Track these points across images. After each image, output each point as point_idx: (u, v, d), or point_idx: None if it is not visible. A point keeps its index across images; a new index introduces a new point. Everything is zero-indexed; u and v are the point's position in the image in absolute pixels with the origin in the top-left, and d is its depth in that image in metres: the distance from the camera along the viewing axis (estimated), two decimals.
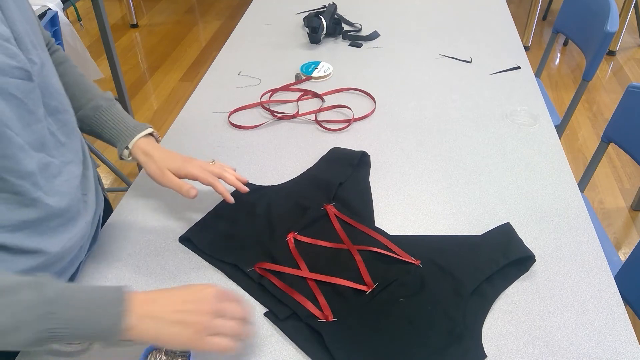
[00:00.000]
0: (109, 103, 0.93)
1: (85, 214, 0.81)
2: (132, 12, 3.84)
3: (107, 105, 0.93)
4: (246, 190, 0.92)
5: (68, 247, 0.77)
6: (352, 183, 1.03)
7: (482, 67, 1.44)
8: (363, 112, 1.26)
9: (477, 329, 0.76)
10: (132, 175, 2.42)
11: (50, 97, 0.75)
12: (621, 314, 0.79)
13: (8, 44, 0.65)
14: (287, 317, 0.79)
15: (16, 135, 0.66)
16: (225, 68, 1.45)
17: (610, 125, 1.39)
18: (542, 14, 3.86)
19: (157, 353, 0.72)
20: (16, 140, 0.66)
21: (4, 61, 0.63)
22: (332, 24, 1.58)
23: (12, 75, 0.65)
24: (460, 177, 1.06)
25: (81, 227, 0.80)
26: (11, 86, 0.65)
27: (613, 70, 3.19)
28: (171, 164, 0.89)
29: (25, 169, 0.68)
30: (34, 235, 0.71)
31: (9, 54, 0.65)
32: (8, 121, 0.65)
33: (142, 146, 0.91)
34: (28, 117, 0.69)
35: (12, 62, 0.65)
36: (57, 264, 0.76)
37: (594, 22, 1.67)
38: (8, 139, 0.65)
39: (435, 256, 0.86)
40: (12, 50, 0.65)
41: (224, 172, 0.91)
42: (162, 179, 0.89)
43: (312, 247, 0.90)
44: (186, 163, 0.90)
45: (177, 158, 0.91)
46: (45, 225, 0.73)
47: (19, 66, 0.66)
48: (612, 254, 1.29)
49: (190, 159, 0.91)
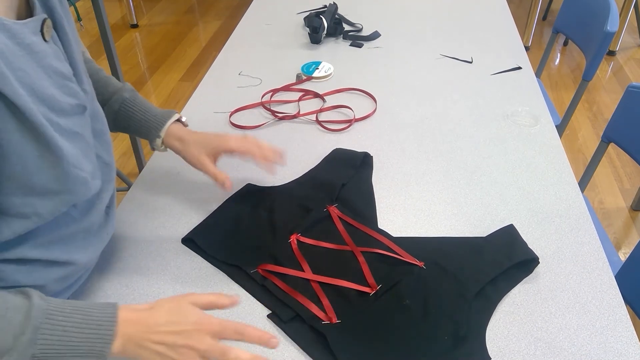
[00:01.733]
0: (132, 94, 0.92)
1: (107, 225, 0.81)
2: (132, 12, 3.84)
3: (131, 96, 0.92)
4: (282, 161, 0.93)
5: (94, 257, 0.78)
6: (354, 184, 1.03)
7: (483, 68, 1.44)
8: (364, 112, 1.26)
9: (481, 331, 0.76)
10: (132, 176, 2.42)
11: (97, 121, 0.75)
12: (622, 314, 0.80)
13: (70, 83, 0.64)
14: (291, 319, 0.79)
15: (81, 171, 0.65)
16: (226, 68, 1.45)
17: (610, 125, 1.39)
18: (542, 14, 3.86)
19: None
20: (80, 175, 0.65)
21: (67, 102, 0.63)
22: (333, 24, 1.58)
23: (73, 114, 0.65)
24: (461, 178, 1.06)
25: (104, 238, 0.80)
26: (74, 124, 0.65)
27: (613, 70, 3.19)
28: (208, 146, 0.89)
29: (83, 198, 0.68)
30: (66, 249, 0.72)
31: (71, 93, 0.64)
32: (73, 159, 0.64)
33: (175, 132, 0.90)
34: (86, 148, 0.69)
35: (73, 100, 0.65)
36: (82, 271, 0.77)
37: (594, 22, 1.67)
38: (75, 177, 0.64)
39: (439, 258, 0.86)
40: (73, 89, 0.65)
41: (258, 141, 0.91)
42: (201, 166, 0.89)
43: (315, 248, 0.90)
44: (221, 140, 0.90)
45: (212, 138, 0.90)
46: (78, 238, 0.73)
47: (79, 103, 0.66)
48: (612, 254, 1.29)
49: (224, 135, 0.91)
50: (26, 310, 0.58)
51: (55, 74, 0.62)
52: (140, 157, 2.20)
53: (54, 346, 0.58)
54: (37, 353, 0.57)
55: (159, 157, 1.13)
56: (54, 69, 0.62)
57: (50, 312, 0.59)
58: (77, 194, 0.66)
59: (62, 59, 0.64)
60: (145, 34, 3.78)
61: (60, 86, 0.62)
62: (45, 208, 0.63)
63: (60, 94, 0.62)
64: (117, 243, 0.93)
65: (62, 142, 0.61)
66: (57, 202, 0.64)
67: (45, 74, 0.60)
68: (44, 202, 0.62)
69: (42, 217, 0.63)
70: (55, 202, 0.64)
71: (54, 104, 0.61)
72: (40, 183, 0.61)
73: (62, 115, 0.62)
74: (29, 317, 0.57)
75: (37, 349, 0.57)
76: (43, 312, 0.58)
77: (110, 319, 0.61)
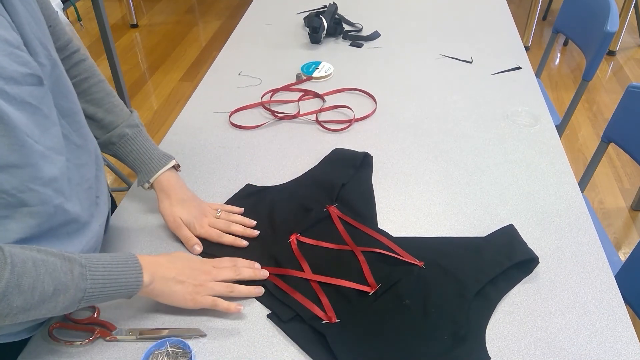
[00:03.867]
0: (134, 131, 0.93)
1: (98, 217, 0.81)
2: (132, 12, 3.84)
3: (133, 133, 0.93)
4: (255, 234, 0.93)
5: (85, 250, 0.77)
6: (354, 184, 1.03)
7: (482, 67, 1.44)
8: (364, 112, 1.26)
9: (481, 331, 0.76)
10: (132, 176, 2.42)
11: (64, 98, 0.75)
12: (622, 314, 0.80)
13: (19, 51, 0.64)
14: (290, 318, 0.79)
15: (36, 143, 0.66)
16: (226, 68, 1.45)
17: (610, 125, 1.39)
18: (542, 14, 3.86)
19: (159, 354, 0.73)
20: (37, 147, 0.66)
21: (16, 70, 0.63)
22: (333, 24, 1.58)
23: (25, 83, 0.64)
24: (461, 178, 1.06)
25: (95, 230, 0.80)
26: (25, 94, 0.64)
27: (613, 70, 3.19)
28: (184, 216, 0.91)
29: (48, 175, 0.68)
30: (54, 242, 0.72)
31: (20, 61, 0.64)
32: (27, 129, 0.64)
33: (163, 183, 0.92)
34: (44, 122, 0.68)
35: (24, 69, 0.64)
36: None
37: (594, 22, 1.67)
38: (29, 147, 0.65)
39: (439, 258, 0.86)
40: (23, 58, 0.64)
41: (230, 227, 0.92)
42: (173, 226, 0.91)
43: (315, 248, 0.90)
44: (196, 221, 0.91)
45: (192, 209, 0.92)
46: (64, 231, 0.73)
47: (31, 72, 0.65)
48: (612, 254, 1.29)
49: (202, 213, 0.92)
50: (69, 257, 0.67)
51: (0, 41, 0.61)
52: None
53: (99, 280, 0.69)
54: (88, 287, 0.68)
55: None
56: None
57: (85, 256, 0.70)
58: (40, 169, 0.67)
59: (9, 28, 0.63)
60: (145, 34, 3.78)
61: (7, 54, 0.62)
62: (9, 184, 0.63)
63: (7, 61, 0.62)
64: (117, 243, 0.93)
65: (8, 109, 0.61)
66: (22, 178, 0.64)
67: None
68: (7, 177, 0.63)
69: (9, 194, 0.64)
70: (20, 178, 0.64)
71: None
72: None
73: (10, 83, 0.62)
74: (73, 260, 0.67)
75: (88, 284, 0.68)
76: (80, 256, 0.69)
77: (132, 257, 0.74)
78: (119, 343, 0.76)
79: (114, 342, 0.76)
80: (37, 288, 0.63)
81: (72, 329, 0.78)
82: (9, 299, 0.61)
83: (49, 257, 0.65)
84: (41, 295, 0.63)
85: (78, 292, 0.67)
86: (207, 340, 0.77)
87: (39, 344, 0.77)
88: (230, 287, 0.80)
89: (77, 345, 0.76)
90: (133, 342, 0.76)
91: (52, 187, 0.69)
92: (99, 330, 0.76)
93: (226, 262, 0.84)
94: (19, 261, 0.62)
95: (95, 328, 0.77)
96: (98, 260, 0.70)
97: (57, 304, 0.66)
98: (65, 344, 0.76)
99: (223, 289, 0.79)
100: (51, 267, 0.65)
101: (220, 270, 0.81)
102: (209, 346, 0.76)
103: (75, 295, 0.67)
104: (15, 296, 0.61)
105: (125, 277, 0.71)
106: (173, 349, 0.73)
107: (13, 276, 0.61)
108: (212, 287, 0.79)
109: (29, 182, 0.65)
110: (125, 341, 0.77)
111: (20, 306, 0.62)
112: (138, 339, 0.76)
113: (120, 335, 0.76)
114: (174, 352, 0.73)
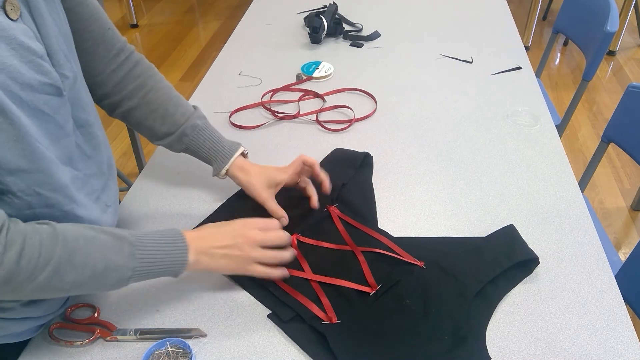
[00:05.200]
0: (204, 122, 0.95)
1: (109, 225, 0.82)
2: (132, 12, 3.84)
3: (203, 124, 0.95)
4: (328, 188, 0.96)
5: None
6: (355, 184, 1.03)
7: (483, 68, 1.44)
8: (364, 112, 1.26)
9: (481, 331, 0.76)
10: (132, 176, 2.42)
11: (81, 110, 0.76)
12: (623, 315, 0.80)
13: (41, 61, 0.65)
14: (291, 319, 0.79)
15: (46, 150, 0.67)
16: (226, 68, 1.45)
17: (610, 125, 1.39)
18: (542, 14, 3.86)
19: (160, 354, 0.73)
20: (47, 154, 0.67)
21: (34, 78, 0.64)
22: (333, 24, 1.58)
23: (42, 92, 0.66)
24: (461, 178, 1.06)
25: None
26: (40, 102, 0.66)
27: (613, 70, 3.19)
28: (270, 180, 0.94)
29: (59, 182, 0.69)
30: None
31: (40, 70, 0.65)
32: (37, 136, 0.65)
33: (239, 164, 0.95)
34: (57, 132, 0.70)
35: (43, 78, 0.66)
36: None
37: (594, 22, 1.67)
38: (41, 153, 0.66)
39: (439, 258, 0.86)
40: (44, 67, 0.66)
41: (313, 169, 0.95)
42: (262, 200, 0.93)
43: (315, 248, 0.90)
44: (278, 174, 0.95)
45: (271, 171, 0.95)
46: None
47: (50, 82, 0.67)
48: (612, 254, 1.29)
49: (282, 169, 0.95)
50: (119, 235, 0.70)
51: (21, 48, 0.63)
52: (140, 157, 2.19)
53: (147, 259, 0.71)
54: (137, 266, 0.70)
55: (159, 158, 1.13)
56: (20, 42, 0.62)
57: (134, 234, 0.72)
58: (51, 176, 0.68)
59: (34, 38, 0.65)
60: (145, 34, 3.78)
61: (28, 61, 0.63)
62: (17, 186, 0.64)
63: (26, 68, 0.63)
64: None
65: (19, 114, 0.62)
66: (30, 182, 0.65)
67: (7, 45, 0.61)
68: (16, 180, 0.64)
69: (16, 196, 0.65)
70: (28, 182, 0.65)
71: (15, 75, 0.62)
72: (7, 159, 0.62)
73: (26, 89, 0.63)
74: (123, 238, 0.70)
75: (137, 262, 0.70)
76: (130, 234, 0.71)
77: (179, 235, 0.75)
78: (119, 343, 0.76)
79: (114, 342, 0.76)
80: (89, 264, 0.66)
81: (73, 329, 0.78)
82: (62, 274, 0.64)
83: (100, 235, 0.68)
84: (92, 271, 0.66)
85: (127, 270, 0.69)
86: (208, 340, 0.77)
87: (39, 344, 0.77)
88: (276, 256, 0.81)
89: (77, 345, 0.76)
90: (133, 342, 0.76)
91: (63, 194, 0.70)
92: (99, 330, 0.76)
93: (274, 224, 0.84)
94: (71, 238, 0.65)
95: (96, 328, 0.77)
96: (147, 238, 0.72)
97: (107, 281, 0.69)
98: (66, 344, 0.76)
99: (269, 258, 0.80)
100: (102, 244, 0.68)
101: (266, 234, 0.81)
102: (209, 346, 0.76)
103: (124, 274, 0.69)
104: (67, 272, 0.65)
105: (172, 256, 0.73)
106: (173, 349, 0.73)
107: (65, 252, 0.64)
108: (257, 257, 0.79)
109: (36, 187, 0.66)
110: (125, 341, 0.77)
111: (72, 281, 0.65)
112: (138, 339, 0.76)
113: (120, 335, 0.76)
114: (174, 352, 0.73)
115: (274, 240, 0.81)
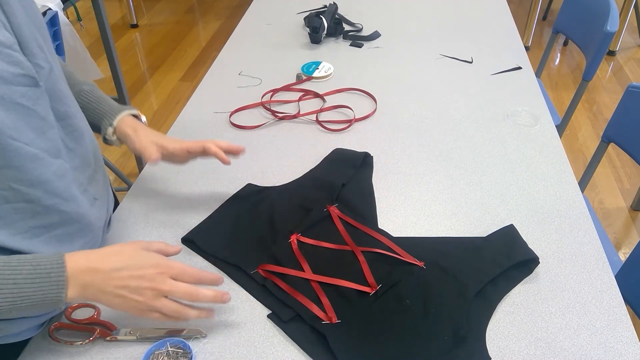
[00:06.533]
0: (90, 87, 0.93)
1: (99, 218, 0.81)
2: (132, 12, 3.84)
3: (89, 88, 0.92)
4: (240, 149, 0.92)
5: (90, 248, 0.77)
6: (355, 184, 1.03)
7: (483, 68, 1.44)
8: (364, 112, 1.26)
9: (481, 331, 0.76)
10: (132, 176, 2.42)
11: (59, 101, 0.74)
12: (622, 314, 0.80)
13: (10, 51, 0.63)
14: (291, 319, 0.79)
15: (26, 145, 0.65)
16: (226, 68, 1.45)
17: (610, 125, 1.39)
18: (542, 14, 3.86)
19: (160, 354, 0.73)
20: (26, 150, 0.65)
21: (5, 69, 0.62)
22: (333, 24, 1.58)
23: (16, 84, 0.63)
24: (461, 178, 1.06)
25: (96, 231, 0.80)
26: (17, 95, 0.63)
27: (613, 70, 3.19)
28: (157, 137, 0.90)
29: (38, 178, 0.67)
30: (52, 242, 0.71)
31: (11, 61, 0.63)
32: (13, 132, 0.63)
33: (129, 122, 0.90)
34: (41, 124, 0.68)
35: (15, 69, 0.63)
36: None
37: (594, 22, 1.67)
38: (14, 150, 0.64)
39: (439, 258, 0.86)
40: (15, 58, 0.64)
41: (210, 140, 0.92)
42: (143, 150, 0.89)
43: (315, 248, 0.90)
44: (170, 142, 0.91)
45: (164, 137, 0.92)
46: (63, 231, 0.73)
47: (23, 73, 0.64)
48: (612, 254, 1.29)
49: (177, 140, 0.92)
50: None
51: None
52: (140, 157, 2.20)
53: (7, 299, 0.61)
54: None
55: None
56: None
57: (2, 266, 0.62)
58: (27, 172, 0.65)
59: (2, 27, 0.63)
60: (145, 34, 3.78)
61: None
62: None
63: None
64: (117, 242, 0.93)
65: None
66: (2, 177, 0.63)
67: None
68: None
69: None
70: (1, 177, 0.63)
71: None
72: None
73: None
74: None
75: None
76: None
77: (58, 266, 0.64)
78: (119, 343, 0.76)
79: (114, 342, 0.76)
80: None
81: (73, 329, 0.78)
82: None
83: None
84: None
85: None
86: (208, 340, 0.77)
87: (39, 344, 0.77)
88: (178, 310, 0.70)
89: (77, 345, 0.76)
90: (133, 342, 0.76)
91: (43, 189, 0.68)
92: (99, 330, 0.76)
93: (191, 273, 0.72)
94: None
95: (96, 328, 0.77)
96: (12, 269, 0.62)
97: None
98: (66, 344, 0.76)
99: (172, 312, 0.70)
100: None
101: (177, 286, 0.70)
102: (209, 346, 0.76)
103: None
104: None
105: (43, 291, 0.62)
106: (173, 349, 0.73)
107: None
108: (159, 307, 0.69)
109: (11, 182, 0.65)
110: (125, 341, 0.77)
111: None
112: (138, 339, 0.76)
113: (120, 335, 0.76)
114: (174, 352, 0.73)
115: (182, 295, 0.70)
